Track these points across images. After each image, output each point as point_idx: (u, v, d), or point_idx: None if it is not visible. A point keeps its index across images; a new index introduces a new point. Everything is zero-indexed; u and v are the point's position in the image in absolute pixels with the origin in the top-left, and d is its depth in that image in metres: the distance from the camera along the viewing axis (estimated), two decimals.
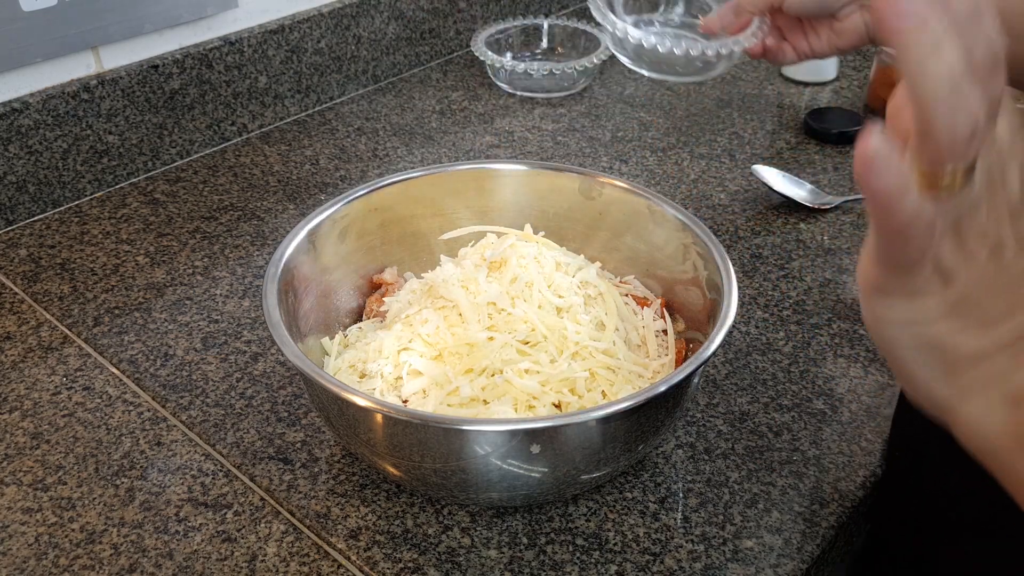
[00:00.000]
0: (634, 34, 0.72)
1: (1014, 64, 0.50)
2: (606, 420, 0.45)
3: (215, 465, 0.56)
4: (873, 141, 0.32)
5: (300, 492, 0.54)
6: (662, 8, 0.83)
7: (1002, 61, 0.32)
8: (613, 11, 0.74)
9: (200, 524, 0.52)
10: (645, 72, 0.76)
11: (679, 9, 0.83)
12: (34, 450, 0.57)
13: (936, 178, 0.33)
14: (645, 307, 0.60)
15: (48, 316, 0.68)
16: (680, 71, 0.75)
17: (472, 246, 0.62)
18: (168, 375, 0.62)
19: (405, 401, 0.52)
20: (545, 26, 1.06)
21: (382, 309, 0.61)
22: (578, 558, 0.50)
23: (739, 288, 0.54)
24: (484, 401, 0.51)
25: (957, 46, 0.31)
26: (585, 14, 1.16)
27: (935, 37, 0.31)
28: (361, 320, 0.62)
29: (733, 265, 0.54)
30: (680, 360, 0.57)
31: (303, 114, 0.96)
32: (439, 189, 0.64)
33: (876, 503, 0.58)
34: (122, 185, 0.84)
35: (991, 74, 0.32)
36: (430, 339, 0.54)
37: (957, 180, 0.33)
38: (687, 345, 0.58)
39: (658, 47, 0.71)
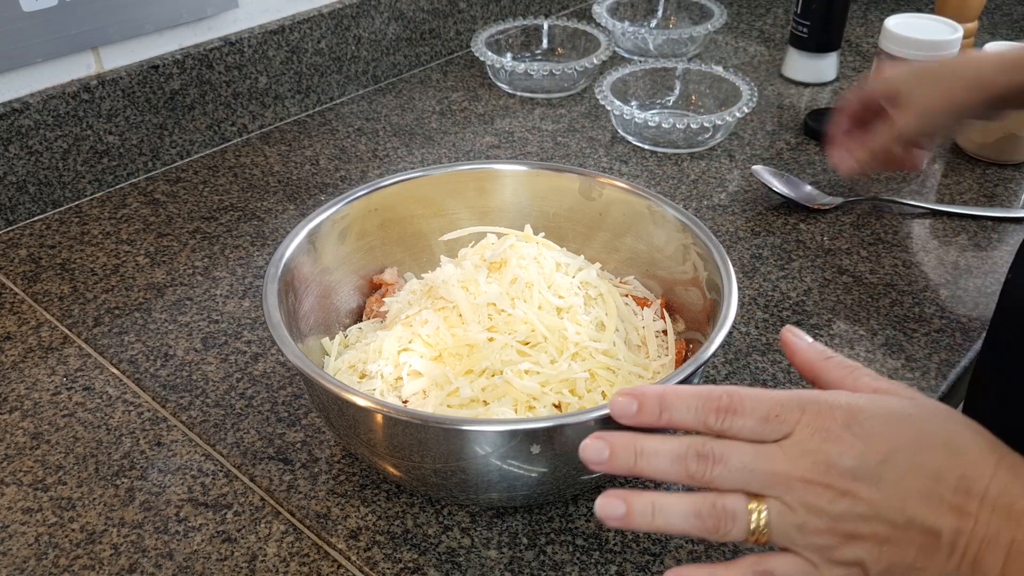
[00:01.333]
0: (639, 115, 0.86)
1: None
2: (606, 420, 0.45)
3: (215, 465, 0.56)
4: None
5: (300, 492, 0.54)
6: (662, 93, 0.96)
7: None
8: (621, 100, 0.89)
9: (200, 524, 0.52)
10: (650, 147, 0.90)
11: (676, 91, 0.96)
12: (34, 450, 0.57)
13: (751, 536, 0.39)
14: (645, 307, 0.60)
15: (48, 316, 0.68)
16: (680, 144, 0.89)
17: (472, 247, 0.62)
18: (168, 375, 0.62)
19: (405, 402, 0.52)
20: (545, 27, 1.06)
21: (382, 309, 0.61)
22: (578, 558, 0.50)
23: (739, 288, 0.54)
24: (484, 402, 0.51)
25: (673, 473, 0.40)
26: (585, 15, 1.16)
27: (644, 506, 0.39)
28: (361, 320, 0.62)
29: (733, 265, 0.54)
30: (680, 360, 0.57)
31: (303, 114, 0.96)
32: (439, 189, 0.64)
33: None
34: (122, 185, 0.84)
35: (709, 467, 0.39)
36: (430, 339, 0.54)
37: (761, 522, 0.39)
38: (687, 345, 0.58)
39: (662, 124, 0.85)
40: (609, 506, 0.40)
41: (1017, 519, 0.36)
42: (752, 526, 0.39)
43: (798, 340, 0.45)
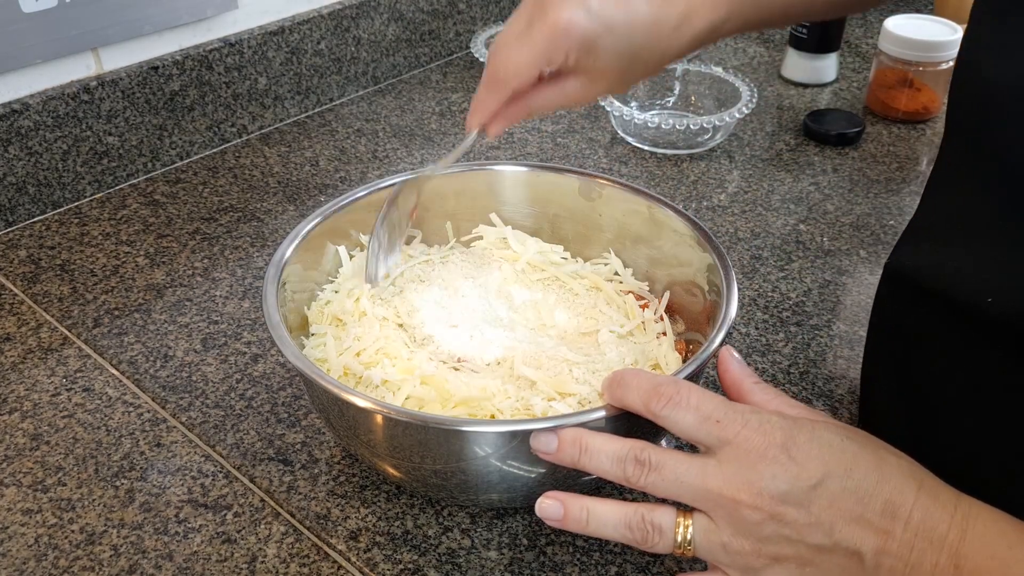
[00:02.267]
0: (639, 116, 0.86)
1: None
2: (606, 421, 0.45)
3: (215, 466, 0.56)
4: None
5: (300, 493, 0.54)
6: (661, 94, 0.96)
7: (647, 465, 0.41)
8: (621, 100, 0.89)
9: (200, 525, 0.52)
10: (650, 148, 0.89)
11: (675, 92, 0.96)
12: (34, 451, 0.57)
13: (677, 546, 0.40)
14: (645, 308, 0.60)
15: (48, 317, 0.68)
16: (680, 145, 0.88)
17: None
18: (168, 376, 0.62)
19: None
20: None
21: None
22: (578, 559, 0.50)
23: (739, 289, 0.54)
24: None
25: (612, 473, 0.42)
26: None
27: (579, 512, 0.42)
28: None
29: (733, 266, 0.54)
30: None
31: (303, 115, 0.96)
32: (440, 191, 0.63)
33: None
34: (122, 186, 0.84)
35: (645, 473, 0.41)
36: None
37: (687, 537, 0.41)
38: (687, 346, 0.58)
39: (662, 125, 0.85)
40: (548, 507, 0.43)
41: (939, 543, 0.37)
42: (678, 540, 0.40)
43: (732, 359, 0.46)
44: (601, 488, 0.54)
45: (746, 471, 0.39)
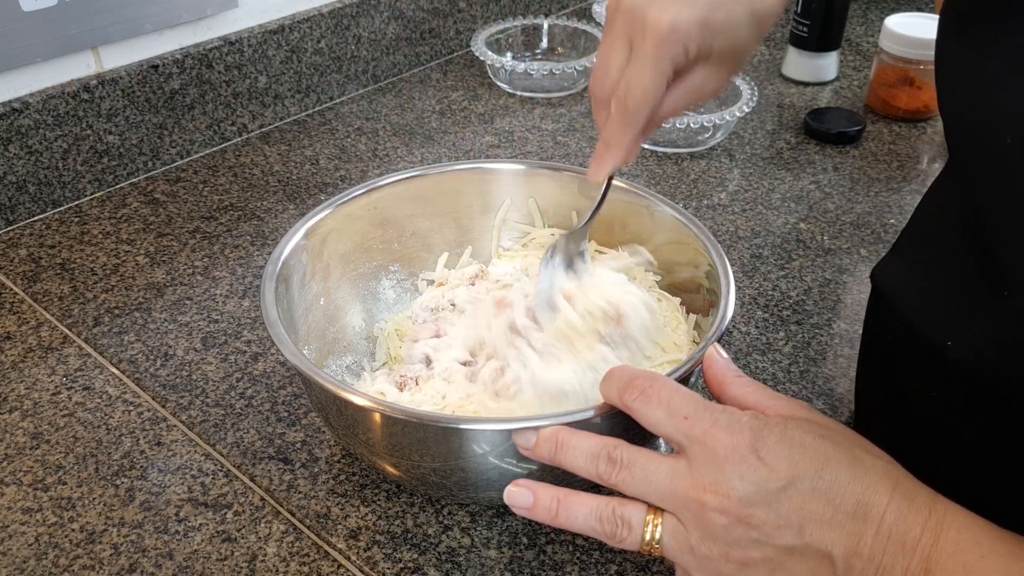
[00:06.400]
0: None
1: None
2: (604, 418, 0.45)
3: (215, 465, 0.56)
4: None
5: (300, 492, 0.54)
6: None
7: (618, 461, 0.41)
8: None
9: (200, 524, 0.52)
10: (650, 147, 0.88)
11: None
12: (34, 450, 0.57)
13: (645, 546, 0.40)
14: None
15: (48, 316, 0.68)
16: (680, 143, 0.88)
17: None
18: (168, 375, 0.62)
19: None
20: (545, 26, 1.06)
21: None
22: (578, 558, 0.50)
23: (739, 288, 0.54)
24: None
25: (585, 470, 0.41)
26: (585, 14, 1.16)
27: (549, 502, 0.42)
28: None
29: (733, 265, 0.54)
30: None
31: (303, 114, 0.96)
32: (439, 189, 0.64)
33: None
34: (122, 185, 0.84)
35: (616, 470, 0.41)
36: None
37: (656, 535, 0.40)
38: None
39: (662, 124, 0.78)
40: (516, 495, 0.42)
41: (911, 548, 0.36)
42: (646, 538, 0.40)
43: (716, 355, 0.46)
44: (599, 490, 0.54)
45: (713, 472, 0.38)
